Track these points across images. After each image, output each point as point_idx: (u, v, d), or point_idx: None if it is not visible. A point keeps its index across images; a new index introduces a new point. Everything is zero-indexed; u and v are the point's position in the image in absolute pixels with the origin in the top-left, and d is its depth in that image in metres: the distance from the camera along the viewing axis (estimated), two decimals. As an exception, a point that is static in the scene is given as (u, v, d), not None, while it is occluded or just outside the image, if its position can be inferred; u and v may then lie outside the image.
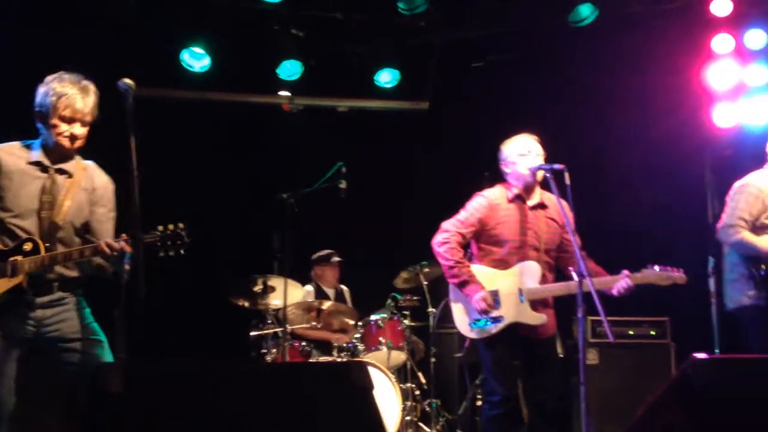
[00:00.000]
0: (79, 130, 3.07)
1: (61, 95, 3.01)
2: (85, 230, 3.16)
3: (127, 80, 2.90)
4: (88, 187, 3.16)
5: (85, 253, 3.00)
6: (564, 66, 6.05)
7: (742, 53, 5.67)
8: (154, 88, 5.92)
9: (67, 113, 3.03)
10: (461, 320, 3.78)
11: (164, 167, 5.99)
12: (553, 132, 4.07)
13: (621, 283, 3.56)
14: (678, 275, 3.60)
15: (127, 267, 2.92)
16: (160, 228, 3.07)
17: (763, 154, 4.43)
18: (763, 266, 3.84)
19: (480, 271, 3.77)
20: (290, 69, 6.20)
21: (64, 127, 3.04)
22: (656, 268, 3.59)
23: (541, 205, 3.85)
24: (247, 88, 6.41)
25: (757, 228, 3.96)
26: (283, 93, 6.42)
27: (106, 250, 2.94)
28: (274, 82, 6.28)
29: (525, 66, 6.29)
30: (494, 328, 3.66)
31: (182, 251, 3.08)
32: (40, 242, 2.99)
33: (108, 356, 3.07)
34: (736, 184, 4.13)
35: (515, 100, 6.26)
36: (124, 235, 3.01)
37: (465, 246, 3.86)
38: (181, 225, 3.08)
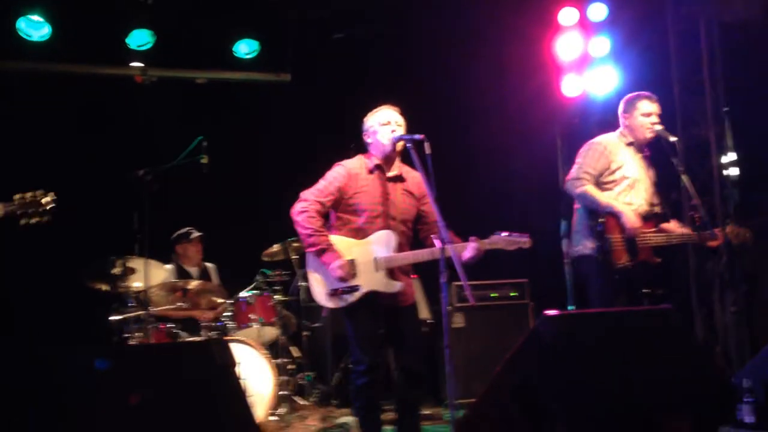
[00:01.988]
0: None
1: None
2: None
3: None
4: None
5: None
6: (422, 38, 6.15)
7: (585, 25, 6.00)
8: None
9: None
10: (319, 290, 3.78)
11: (9, 144, 5.57)
12: (412, 103, 4.12)
13: (469, 248, 3.68)
14: (523, 240, 3.75)
15: None
16: (17, 196, 2.88)
17: (607, 122, 4.74)
18: (601, 220, 4.10)
19: (337, 240, 3.78)
20: (140, 38, 5.90)
21: None
22: (503, 234, 3.75)
23: (399, 178, 3.90)
24: (94, 59, 6.03)
25: (601, 184, 4.22)
26: (135, 64, 6.10)
27: None
28: (124, 52, 5.96)
29: (384, 38, 6.34)
30: (351, 297, 3.70)
31: (46, 218, 2.95)
32: None
33: None
34: (586, 144, 4.35)
35: (376, 72, 6.31)
36: None
37: (325, 215, 3.85)
38: (40, 192, 2.92)
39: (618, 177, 4.23)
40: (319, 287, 3.79)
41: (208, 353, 2.12)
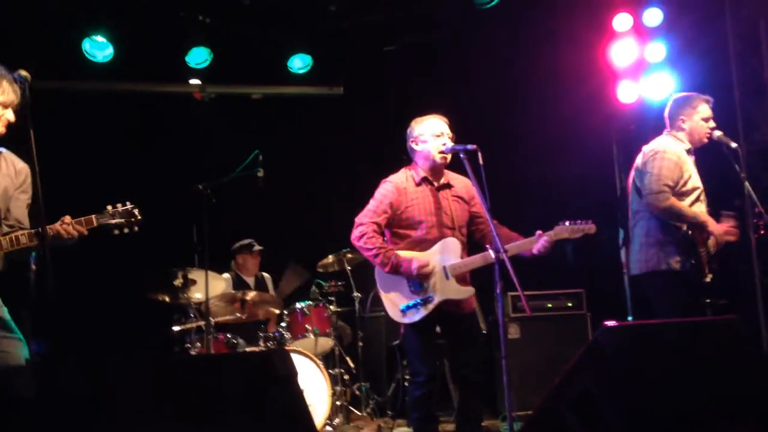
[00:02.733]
0: (11, 116, 2.99)
1: None
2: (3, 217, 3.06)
3: (23, 72, 2.78)
4: (11, 173, 3.08)
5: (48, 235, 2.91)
6: (476, 45, 6.15)
7: (640, 31, 5.91)
8: (57, 81, 5.71)
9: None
10: (392, 307, 3.76)
11: (76, 161, 5.80)
12: (464, 111, 4.13)
13: (539, 242, 3.66)
14: (588, 226, 3.68)
15: (33, 267, 2.82)
16: (110, 207, 3.09)
17: (663, 128, 4.63)
18: (690, 232, 3.94)
19: (402, 255, 3.78)
20: (199, 56, 6.09)
21: None
22: (567, 223, 3.71)
23: (447, 185, 3.90)
24: (155, 78, 6.24)
25: (677, 195, 4.04)
26: (194, 81, 6.28)
27: (68, 228, 2.88)
28: (183, 70, 6.15)
29: (435, 48, 6.36)
30: (425, 310, 3.69)
31: (136, 228, 3.15)
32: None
33: (25, 354, 2.95)
34: (648, 150, 4.14)
35: (429, 81, 6.33)
36: (66, 217, 2.97)
37: (381, 234, 3.86)
38: (130, 204, 3.14)
39: (689, 188, 4.06)
40: (392, 304, 3.77)
41: (270, 363, 2.16)
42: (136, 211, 3.14)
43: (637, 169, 4.21)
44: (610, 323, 2.53)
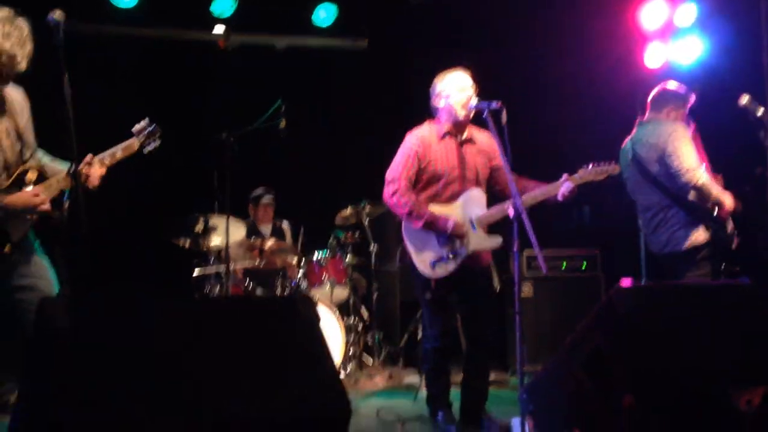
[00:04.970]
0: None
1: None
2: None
3: (57, 12, 2.80)
4: (20, 107, 3.12)
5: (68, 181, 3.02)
6: (502, 4, 6.07)
7: (672, -7, 5.80)
8: (82, 23, 5.72)
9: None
10: (422, 263, 3.79)
11: (98, 106, 5.84)
12: (489, 69, 4.11)
13: (563, 186, 3.69)
14: (611, 167, 3.76)
15: (66, 205, 2.90)
16: (136, 126, 3.30)
17: (686, 94, 4.61)
18: (716, 208, 4.09)
19: (436, 211, 3.80)
20: (224, 4, 6.06)
21: None
22: (590, 165, 3.74)
23: (470, 140, 3.92)
24: (179, 24, 6.23)
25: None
26: (219, 28, 6.25)
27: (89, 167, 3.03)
28: (207, 18, 6.13)
29: (463, 3, 6.28)
30: (454, 263, 3.73)
31: (159, 142, 3.35)
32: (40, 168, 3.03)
33: (56, 288, 3.06)
34: (665, 130, 4.22)
35: (453, 37, 6.27)
36: (90, 155, 3.06)
37: (413, 189, 3.86)
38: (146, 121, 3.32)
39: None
40: (422, 258, 3.80)
41: (295, 308, 2.24)
42: (153, 125, 3.32)
43: (638, 156, 4.27)
44: (625, 283, 2.58)
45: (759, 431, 2.50)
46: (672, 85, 4.47)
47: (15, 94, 3.10)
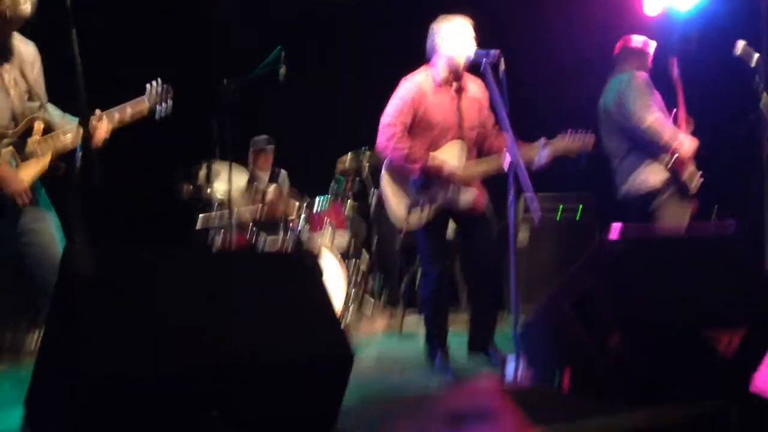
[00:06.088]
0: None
1: None
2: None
3: None
4: (31, 59, 3.17)
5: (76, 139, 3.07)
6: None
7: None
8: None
9: None
10: (398, 209, 3.86)
11: (98, 53, 5.82)
12: (484, 16, 4.10)
13: (539, 156, 3.77)
14: (587, 139, 3.94)
15: (79, 154, 2.99)
16: (149, 87, 3.30)
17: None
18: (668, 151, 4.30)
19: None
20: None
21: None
22: (568, 132, 3.87)
23: (464, 88, 3.92)
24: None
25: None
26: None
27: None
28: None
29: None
30: (427, 214, 3.80)
31: (170, 103, 3.37)
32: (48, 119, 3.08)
33: (61, 243, 3.15)
34: (623, 78, 4.47)
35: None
36: (98, 111, 3.12)
37: (408, 133, 3.88)
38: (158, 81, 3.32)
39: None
40: (398, 206, 3.86)
41: (299, 263, 2.36)
42: (165, 85, 3.33)
43: (606, 108, 4.49)
44: (614, 229, 2.69)
45: (737, 371, 2.65)
46: (633, 39, 4.69)
47: (26, 47, 3.14)
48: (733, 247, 2.97)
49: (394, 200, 3.89)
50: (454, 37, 3.83)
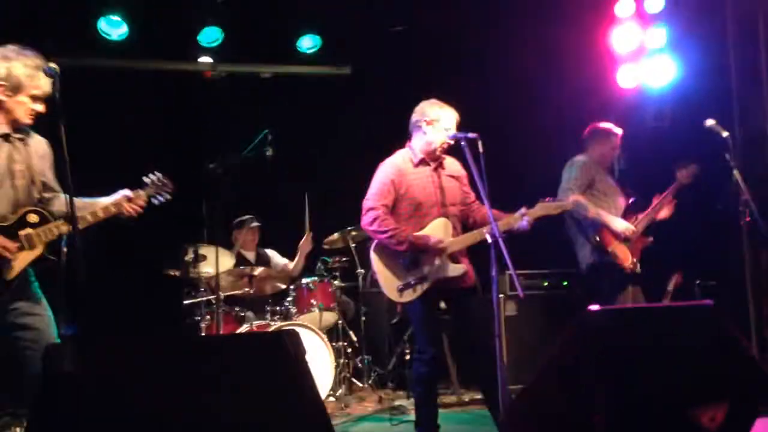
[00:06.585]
0: (40, 107, 3.17)
1: (33, 75, 3.08)
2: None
3: (53, 64, 2.93)
4: (42, 153, 3.26)
5: (110, 210, 3.26)
6: (477, 28, 6.26)
7: (642, 16, 6.00)
8: (72, 57, 5.86)
9: (38, 93, 3.12)
10: (390, 286, 3.90)
11: (88, 138, 5.95)
12: (463, 94, 4.24)
13: (520, 223, 3.85)
14: (566, 202, 4.20)
15: (64, 249, 3.02)
16: (147, 179, 3.40)
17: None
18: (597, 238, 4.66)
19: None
20: (211, 35, 6.24)
21: (30, 105, 3.13)
22: (547, 199, 3.97)
23: (441, 165, 4.04)
24: (167, 56, 6.39)
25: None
26: (205, 59, 6.42)
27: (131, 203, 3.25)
28: (195, 48, 6.29)
29: (440, 29, 6.46)
30: (421, 289, 3.84)
31: (168, 195, 3.46)
32: (44, 212, 3.14)
33: (55, 332, 3.16)
34: (572, 161, 4.85)
35: (433, 62, 6.46)
36: (127, 191, 3.30)
37: (391, 215, 3.94)
38: (159, 174, 3.43)
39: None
40: (389, 284, 3.90)
41: (281, 344, 2.36)
42: (167, 180, 3.44)
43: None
44: (594, 307, 2.71)
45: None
46: (601, 124, 4.99)
47: (38, 142, 3.27)
48: (709, 321, 2.99)
49: (386, 279, 3.93)
50: (439, 127, 3.95)
